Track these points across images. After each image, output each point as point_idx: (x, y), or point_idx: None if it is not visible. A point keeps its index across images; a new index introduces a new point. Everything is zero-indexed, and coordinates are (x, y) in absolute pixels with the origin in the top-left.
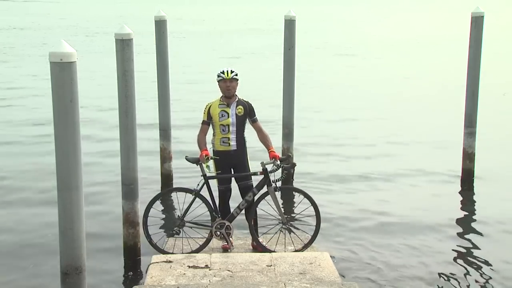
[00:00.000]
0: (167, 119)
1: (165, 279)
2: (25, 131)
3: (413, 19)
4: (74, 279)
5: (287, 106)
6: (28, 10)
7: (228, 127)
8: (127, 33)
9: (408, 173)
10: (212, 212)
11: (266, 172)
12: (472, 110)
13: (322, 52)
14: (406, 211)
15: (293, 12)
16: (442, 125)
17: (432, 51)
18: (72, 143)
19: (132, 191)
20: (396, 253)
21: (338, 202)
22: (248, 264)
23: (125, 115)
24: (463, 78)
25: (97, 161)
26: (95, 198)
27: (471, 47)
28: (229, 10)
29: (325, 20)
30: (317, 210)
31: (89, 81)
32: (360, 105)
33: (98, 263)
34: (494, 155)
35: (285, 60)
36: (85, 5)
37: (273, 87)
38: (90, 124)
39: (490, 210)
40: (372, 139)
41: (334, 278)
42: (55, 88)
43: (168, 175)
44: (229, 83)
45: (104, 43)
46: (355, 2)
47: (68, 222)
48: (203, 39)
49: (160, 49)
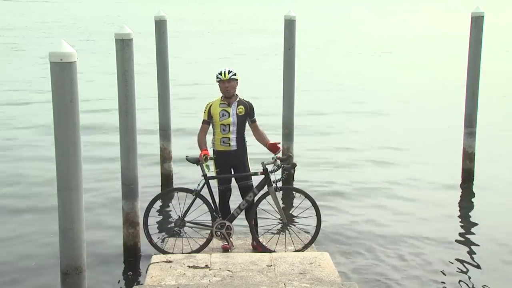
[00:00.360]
0: (167, 119)
1: (165, 279)
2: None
3: (413, 19)
4: (74, 279)
5: (287, 106)
6: (28, 10)
7: (229, 126)
8: (127, 33)
9: (408, 173)
10: (213, 212)
11: (267, 172)
12: (472, 110)
13: (321, 52)
14: (406, 211)
15: (293, 12)
16: (442, 125)
17: (432, 51)
18: (72, 143)
19: (132, 191)
20: (396, 253)
21: (338, 202)
22: (248, 264)
23: (125, 115)
24: (463, 78)
25: (97, 161)
26: (95, 198)
27: (471, 47)
28: (229, 10)
29: (324, 20)
30: (317, 210)
31: (88, 81)
32: (360, 105)
33: (98, 263)
34: (494, 155)
35: (285, 60)
36: (85, 5)
37: (273, 87)
38: (90, 124)
39: (490, 210)
40: (372, 139)
41: (334, 278)
42: (55, 88)
43: (168, 175)
44: (227, 84)
45: (103, 43)
46: (355, 2)
47: (68, 222)
48: (203, 39)
49: (160, 49)
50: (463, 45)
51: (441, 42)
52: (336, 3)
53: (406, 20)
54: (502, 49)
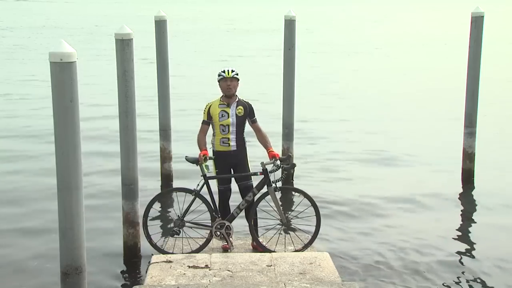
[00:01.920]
0: (167, 119)
1: (165, 279)
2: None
3: (412, 19)
4: (74, 279)
5: (287, 106)
6: (28, 10)
7: (228, 127)
8: (127, 33)
9: (408, 173)
10: (212, 212)
11: (266, 172)
12: (472, 110)
13: (321, 52)
14: (406, 212)
15: (293, 12)
16: (442, 125)
17: (431, 51)
18: (72, 143)
19: (132, 191)
20: (396, 253)
21: (338, 202)
22: (248, 264)
23: (125, 115)
24: (463, 78)
25: (97, 161)
26: (95, 198)
27: (471, 47)
28: (229, 10)
29: (322, 21)
30: (317, 210)
31: (89, 81)
32: (360, 104)
33: (98, 263)
34: (494, 155)
35: (285, 60)
36: (85, 4)
37: (273, 87)
38: (90, 123)
39: (490, 210)
40: (371, 139)
41: (334, 278)
42: (55, 88)
43: (168, 175)
44: (230, 82)
45: (101, 44)
46: (354, 2)
47: (68, 222)
48: (203, 39)
49: (160, 49)
50: (463, 45)
51: (441, 42)
52: (336, 3)
53: (405, 20)
54: (502, 49)
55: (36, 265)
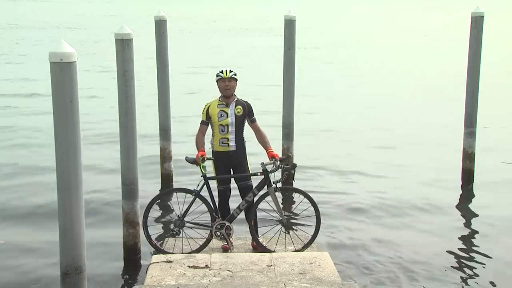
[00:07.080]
0: (167, 119)
1: (165, 279)
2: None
3: (412, 19)
4: (74, 279)
5: (287, 106)
6: (29, 10)
7: (227, 127)
8: (127, 33)
9: (408, 173)
10: (212, 212)
11: (266, 173)
12: (472, 110)
13: (321, 52)
14: (406, 211)
15: (293, 12)
16: (442, 125)
17: (431, 51)
18: (72, 143)
19: (132, 191)
20: (396, 253)
21: (338, 202)
22: (248, 264)
23: (125, 115)
24: (463, 78)
25: (97, 161)
26: (95, 198)
27: (471, 47)
28: (229, 11)
29: (321, 21)
30: (317, 210)
31: (89, 81)
32: (360, 105)
33: (98, 263)
34: (494, 155)
35: (285, 60)
36: (84, 4)
37: (272, 87)
38: (90, 123)
39: (490, 210)
40: (371, 139)
41: (334, 278)
42: (55, 88)
43: (168, 175)
44: (228, 82)
45: (101, 44)
46: (355, 2)
47: (68, 222)
48: (203, 39)
49: (160, 49)
50: (463, 45)
51: (441, 42)
52: (336, 3)
53: (406, 20)
54: (502, 49)
55: (36, 265)
